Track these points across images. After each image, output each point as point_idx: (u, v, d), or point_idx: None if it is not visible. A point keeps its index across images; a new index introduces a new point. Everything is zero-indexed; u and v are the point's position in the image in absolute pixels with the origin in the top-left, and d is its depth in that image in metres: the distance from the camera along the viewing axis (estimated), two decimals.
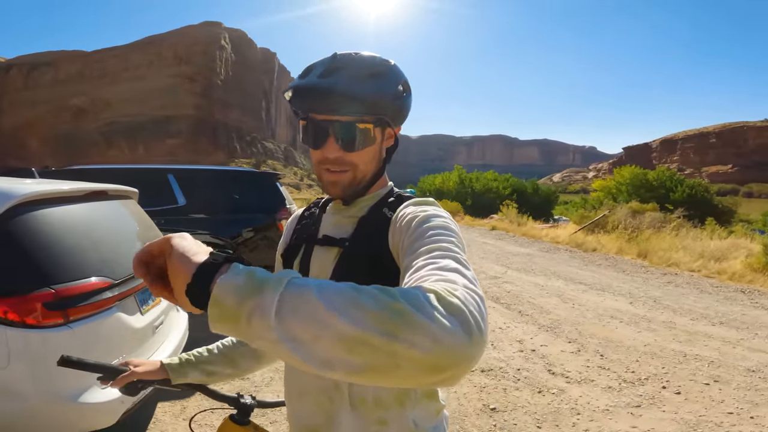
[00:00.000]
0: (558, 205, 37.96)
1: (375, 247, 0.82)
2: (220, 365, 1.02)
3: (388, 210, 0.86)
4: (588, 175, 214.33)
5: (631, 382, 3.56)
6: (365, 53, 0.84)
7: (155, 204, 4.85)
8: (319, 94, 0.78)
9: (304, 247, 0.93)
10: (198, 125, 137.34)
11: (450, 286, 0.48)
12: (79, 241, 1.98)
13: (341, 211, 0.92)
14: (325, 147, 0.81)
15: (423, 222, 0.73)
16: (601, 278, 7.61)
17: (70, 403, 1.83)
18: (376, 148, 0.85)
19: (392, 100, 0.82)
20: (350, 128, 0.80)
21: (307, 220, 0.99)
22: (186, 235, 0.56)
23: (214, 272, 0.46)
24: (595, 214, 15.24)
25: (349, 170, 0.84)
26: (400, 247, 0.75)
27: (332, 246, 0.88)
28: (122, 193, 2.65)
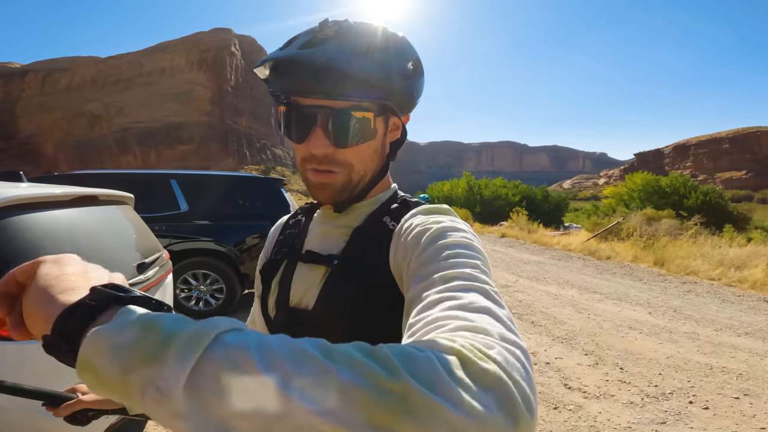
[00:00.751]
0: (568, 212, 37.53)
1: (372, 267, 0.64)
2: None
3: (390, 219, 0.68)
4: (599, 182, 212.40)
5: (654, 396, 3.36)
6: (366, 22, 0.64)
7: (157, 210, 4.77)
8: (303, 69, 0.59)
9: (285, 263, 0.75)
10: (209, 132, 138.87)
11: (481, 341, 0.33)
12: (60, 248, 1.85)
13: (331, 220, 0.74)
14: (311, 141, 0.63)
15: (437, 237, 0.55)
16: (617, 287, 7.35)
17: (47, 417, 1.70)
18: (377, 142, 0.67)
19: (400, 80, 0.63)
20: (344, 117, 0.61)
21: (291, 229, 0.80)
22: (67, 258, 0.39)
23: (89, 319, 0.31)
24: (608, 221, 14.93)
25: (341, 171, 0.65)
26: (404, 268, 0.57)
27: (318, 264, 0.69)
28: (116, 198, 2.53)
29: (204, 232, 4.96)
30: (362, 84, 0.60)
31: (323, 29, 0.61)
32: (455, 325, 0.37)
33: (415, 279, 0.51)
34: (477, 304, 0.40)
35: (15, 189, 1.84)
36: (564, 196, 36.33)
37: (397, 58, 0.63)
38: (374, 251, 0.65)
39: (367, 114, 0.62)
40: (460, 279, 0.46)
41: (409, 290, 0.51)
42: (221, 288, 4.97)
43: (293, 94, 0.63)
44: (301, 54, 0.59)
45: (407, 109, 0.69)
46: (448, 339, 0.33)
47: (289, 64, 0.61)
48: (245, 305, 5.28)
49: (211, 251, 4.95)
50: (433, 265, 0.50)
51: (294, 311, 0.70)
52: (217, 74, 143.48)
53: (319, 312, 0.67)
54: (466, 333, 0.35)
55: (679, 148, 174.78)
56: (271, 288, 0.75)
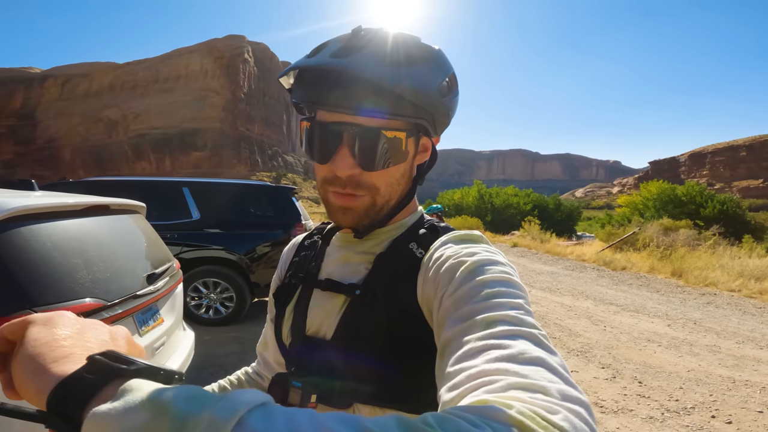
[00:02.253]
0: (581, 221, 37.05)
1: (396, 298, 0.59)
2: None
3: (417, 246, 0.62)
4: (612, 191, 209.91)
5: (675, 411, 3.26)
6: (402, 32, 0.59)
7: (168, 218, 4.79)
8: (333, 80, 0.54)
9: (301, 288, 0.70)
10: (222, 138, 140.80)
11: (541, 404, 0.29)
12: (69, 259, 1.83)
13: (352, 245, 0.68)
14: (335, 161, 0.57)
15: (473, 272, 0.49)
16: (634, 298, 7.20)
17: None
18: (406, 165, 0.61)
19: (437, 97, 0.57)
20: (374, 136, 0.56)
21: (307, 251, 0.75)
22: (60, 318, 0.35)
23: (89, 396, 0.27)
24: (623, 231, 14.67)
25: (365, 194, 0.59)
26: (435, 303, 0.52)
27: (338, 293, 0.64)
28: (127, 207, 2.52)
29: (215, 240, 4.96)
30: (396, 100, 0.54)
31: (356, 37, 0.57)
32: (506, 382, 0.33)
33: (451, 320, 0.46)
34: (528, 354, 0.36)
35: (24, 198, 1.83)
36: (577, 205, 35.90)
37: (435, 72, 0.58)
38: (399, 281, 0.60)
39: (399, 134, 0.57)
40: (505, 323, 0.41)
41: (445, 331, 0.46)
42: (231, 296, 4.96)
43: (320, 106, 0.58)
44: (332, 63, 0.54)
45: (441, 129, 0.64)
46: (503, 405, 0.29)
47: (317, 73, 0.56)
48: (254, 314, 5.27)
49: (221, 260, 4.94)
50: (471, 305, 0.45)
51: (311, 340, 0.66)
52: (231, 81, 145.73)
53: (338, 342, 0.63)
54: (522, 394, 0.31)
55: (695, 156, 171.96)
56: (286, 314, 0.71)
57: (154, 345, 2.26)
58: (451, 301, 0.48)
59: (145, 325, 2.21)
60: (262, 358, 0.84)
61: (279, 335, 0.72)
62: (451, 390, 0.37)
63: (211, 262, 4.93)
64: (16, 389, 0.32)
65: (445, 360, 0.42)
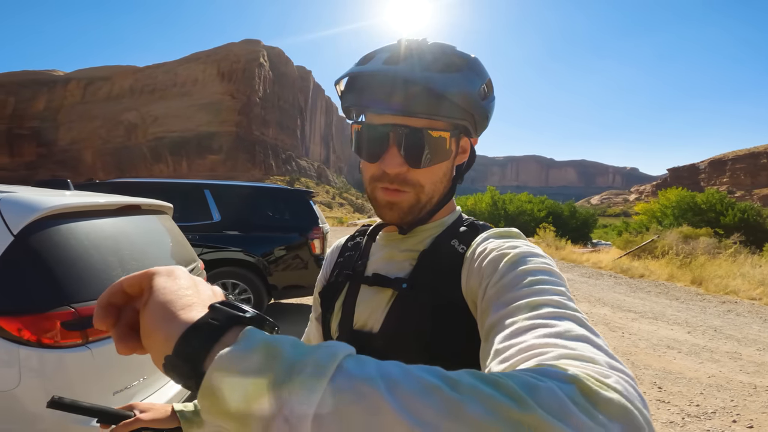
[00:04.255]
0: (597, 229, 36.49)
1: (443, 292, 0.62)
2: None
3: (459, 243, 0.66)
4: (629, 198, 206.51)
5: (696, 416, 3.24)
6: (442, 42, 0.64)
7: (191, 219, 4.88)
8: (385, 85, 0.59)
9: (348, 285, 0.73)
10: (237, 142, 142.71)
11: (594, 369, 0.31)
12: (105, 257, 1.89)
13: (396, 243, 0.72)
14: (385, 159, 0.62)
15: (516, 263, 0.52)
16: (652, 306, 7.09)
17: (81, 426, 1.73)
18: (448, 164, 0.66)
19: (478, 99, 0.62)
20: (420, 136, 0.60)
21: (351, 252, 0.79)
22: (178, 270, 0.37)
23: (213, 340, 0.30)
24: (640, 238, 14.44)
25: (411, 191, 0.64)
26: (479, 293, 0.55)
27: (385, 287, 0.68)
28: (156, 208, 2.58)
29: (234, 242, 5.03)
30: (441, 102, 0.59)
31: (403, 47, 0.61)
32: (558, 353, 0.35)
33: (496, 305, 0.49)
34: (574, 333, 0.38)
35: (64, 197, 1.90)
36: (592, 212, 35.40)
37: (475, 77, 0.63)
38: (443, 275, 0.63)
39: (443, 134, 0.61)
40: (550, 306, 0.44)
41: (490, 316, 0.49)
42: (249, 298, 5.02)
43: (370, 110, 0.62)
44: (385, 69, 0.59)
45: (481, 130, 0.68)
46: (559, 367, 0.31)
47: (370, 79, 0.60)
48: (271, 315, 5.31)
49: (240, 261, 5.01)
50: (515, 292, 0.48)
51: (358, 333, 0.69)
52: (247, 85, 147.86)
53: (385, 334, 0.66)
54: (573, 362, 0.33)
55: (715, 163, 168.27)
56: (335, 310, 0.74)
57: None
58: (495, 289, 0.51)
59: None
60: None
61: (327, 330, 0.75)
62: (502, 362, 0.38)
63: (231, 263, 4.99)
64: (142, 337, 0.34)
65: (491, 341, 0.44)
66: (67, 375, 1.69)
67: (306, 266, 5.09)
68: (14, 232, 1.63)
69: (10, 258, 1.60)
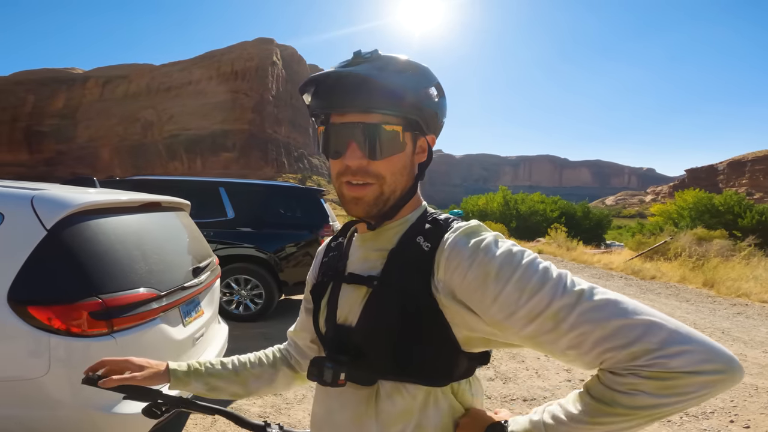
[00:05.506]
0: (611, 230, 35.97)
1: (409, 287, 0.70)
2: (228, 382, 0.94)
3: (424, 240, 0.72)
4: (645, 199, 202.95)
5: (694, 415, 3.29)
6: (394, 54, 0.74)
7: (206, 216, 5.01)
8: (340, 84, 0.68)
9: (332, 285, 0.82)
10: (250, 140, 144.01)
11: (658, 364, 0.54)
12: (129, 251, 2.00)
13: (369, 243, 0.80)
14: (346, 155, 0.70)
15: (500, 277, 0.62)
16: (661, 307, 7.07)
17: (103, 413, 1.82)
18: (405, 158, 0.73)
19: (424, 99, 0.71)
20: (375, 130, 0.69)
21: (333, 252, 0.88)
22: None
23: None
24: (654, 240, 14.26)
25: (374, 183, 0.72)
26: (476, 304, 0.65)
27: (360, 285, 0.76)
28: (175, 205, 2.71)
29: (247, 238, 5.15)
30: (392, 96, 0.68)
31: (357, 56, 0.71)
32: (629, 358, 0.57)
33: (515, 320, 0.62)
34: (623, 327, 0.57)
35: (91, 195, 2.02)
36: (606, 212, 34.89)
37: (422, 78, 0.72)
38: (410, 272, 0.70)
39: (396, 128, 0.70)
40: (565, 308, 0.59)
41: (520, 331, 0.62)
42: (260, 294, 5.14)
43: (331, 110, 0.71)
44: (339, 70, 0.69)
45: (432, 128, 0.76)
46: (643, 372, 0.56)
47: (327, 79, 0.70)
48: (281, 311, 5.44)
49: (252, 257, 5.14)
50: (525, 308, 0.61)
51: (340, 328, 0.78)
52: (260, 83, 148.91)
53: (361, 328, 0.74)
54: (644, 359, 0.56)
55: (734, 165, 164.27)
56: (321, 307, 0.83)
57: (195, 336, 2.42)
58: (497, 307, 0.63)
59: (188, 316, 2.37)
60: (292, 341, 0.99)
61: (317, 325, 0.84)
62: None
63: (243, 259, 5.12)
64: None
65: (544, 348, 0.62)
66: (92, 362, 1.78)
67: None
68: (47, 227, 1.74)
69: (43, 251, 1.72)
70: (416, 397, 0.72)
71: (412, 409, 0.72)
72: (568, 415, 0.62)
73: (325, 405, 0.82)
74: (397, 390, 0.73)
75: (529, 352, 4.53)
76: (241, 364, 0.95)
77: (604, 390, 0.58)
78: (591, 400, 0.60)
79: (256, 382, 0.95)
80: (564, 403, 0.64)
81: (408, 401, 0.72)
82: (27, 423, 1.81)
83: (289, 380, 0.99)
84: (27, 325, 1.71)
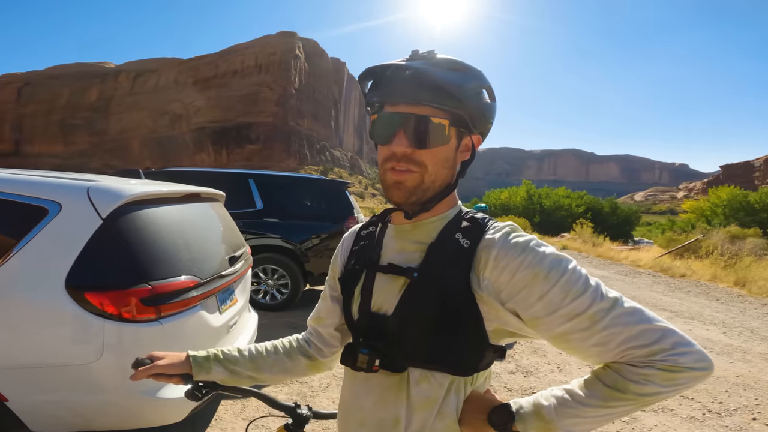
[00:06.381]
0: (639, 226, 34.98)
1: (449, 282, 0.74)
2: (245, 368, 0.97)
3: (463, 237, 0.76)
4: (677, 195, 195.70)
5: (717, 413, 3.29)
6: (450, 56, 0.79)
7: (236, 207, 5.15)
8: (395, 77, 0.74)
9: (366, 273, 0.84)
10: (274, 132, 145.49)
11: (675, 361, 0.64)
12: (173, 240, 2.09)
13: (406, 235, 0.83)
14: (394, 141, 0.74)
15: (554, 278, 0.68)
16: (690, 306, 6.90)
17: (147, 397, 1.87)
18: (449, 151, 0.77)
19: (472, 98, 0.75)
20: (423, 122, 0.73)
21: (365, 241, 0.90)
22: None
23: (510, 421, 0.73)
24: (685, 237, 13.82)
25: (417, 171, 0.75)
26: (519, 304, 0.70)
27: (398, 275, 0.79)
28: (212, 196, 2.80)
29: (274, 229, 5.28)
30: (441, 92, 0.72)
31: (414, 54, 0.76)
32: (651, 356, 0.66)
33: (556, 317, 0.69)
34: (646, 331, 0.66)
35: (141, 185, 2.10)
36: (635, 209, 33.81)
37: (473, 79, 0.76)
38: (449, 266, 0.74)
39: (443, 121, 0.74)
40: (601, 311, 0.67)
41: (556, 328, 0.69)
42: (287, 283, 5.28)
43: (385, 101, 0.76)
44: (395, 63, 0.75)
45: (479, 127, 0.79)
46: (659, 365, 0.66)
47: (383, 71, 0.75)
48: (306, 301, 5.56)
49: (279, 248, 5.27)
50: (566, 308, 0.68)
51: (375, 315, 0.81)
52: (283, 77, 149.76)
53: (398, 317, 0.77)
54: (664, 354, 0.66)
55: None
56: (354, 295, 0.86)
57: (230, 323, 2.50)
58: (541, 305, 0.69)
59: (224, 303, 2.45)
60: (314, 330, 1.01)
61: (348, 312, 0.87)
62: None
63: (271, 249, 5.25)
64: None
65: (571, 344, 0.70)
66: (141, 347, 1.81)
67: None
68: (102, 216, 1.83)
69: (98, 239, 1.81)
70: (443, 385, 0.77)
71: (438, 397, 0.76)
72: (577, 399, 0.71)
73: (352, 389, 0.86)
74: (426, 378, 0.77)
75: (551, 347, 4.53)
76: (257, 352, 0.99)
77: (617, 378, 0.68)
78: (604, 386, 0.69)
79: (270, 369, 0.98)
80: (569, 388, 0.72)
81: (435, 389, 0.76)
82: (76, 407, 1.86)
83: (304, 369, 1.01)
84: (83, 311, 1.77)
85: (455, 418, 0.77)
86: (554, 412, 0.70)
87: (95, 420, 1.91)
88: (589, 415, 0.69)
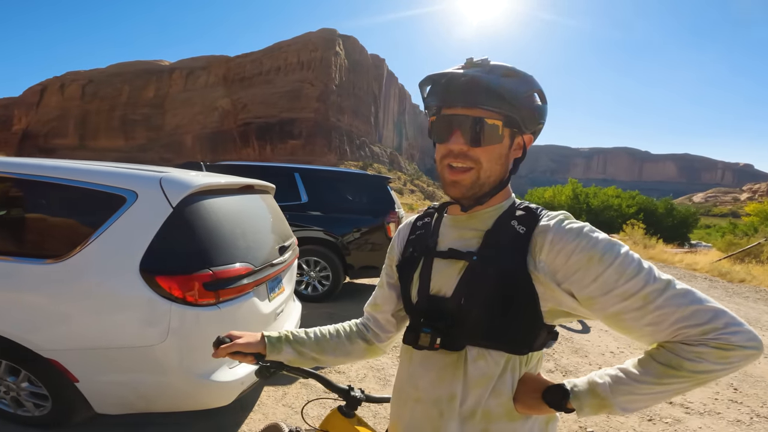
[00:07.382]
0: (697, 229, 32.76)
1: (506, 264, 0.79)
2: (311, 349, 1.03)
3: (518, 224, 0.82)
4: (740, 197, 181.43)
5: (765, 417, 3.17)
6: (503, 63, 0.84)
7: (283, 199, 5.36)
8: (451, 84, 0.79)
9: (423, 259, 0.90)
10: (315, 128, 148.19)
11: (726, 340, 0.68)
12: (232, 228, 2.21)
13: (462, 224, 0.89)
14: (451, 140, 0.80)
15: (609, 260, 0.72)
16: (747, 311, 6.50)
17: (202, 380, 1.93)
18: (502, 149, 0.82)
19: (524, 101, 0.80)
20: (478, 122, 0.78)
21: (421, 230, 0.96)
22: None
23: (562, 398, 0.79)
24: (747, 241, 12.86)
25: (473, 168, 0.81)
26: (574, 285, 0.74)
27: (457, 259, 0.85)
28: (264, 188, 2.94)
29: (317, 222, 5.42)
30: (494, 96, 0.78)
31: (469, 62, 0.82)
32: (700, 331, 0.70)
33: (610, 297, 0.72)
34: (698, 311, 0.70)
35: (204, 177, 2.23)
36: (693, 210, 31.59)
37: (524, 84, 0.81)
38: (506, 250, 0.80)
39: (496, 122, 0.79)
40: (655, 292, 0.71)
41: (610, 307, 0.73)
42: (328, 275, 5.41)
43: (444, 105, 0.82)
44: (452, 72, 0.81)
45: (531, 128, 0.84)
46: (706, 341, 0.70)
47: (440, 79, 0.81)
48: (345, 293, 5.70)
49: (322, 240, 5.41)
50: (621, 288, 0.72)
51: (434, 298, 0.86)
52: (324, 73, 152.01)
53: (458, 298, 0.82)
54: (716, 333, 0.69)
55: None
56: (413, 280, 0.91)
57: (277, 311, 2.60)
58: (596, 285, 0.73)
59: (272, 291, 2.56)
60: (371, 316, 1.08)
61: (407, 296, 0.93)
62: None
63: (314, 242, 5.39)
64: None
65: (624, 323, 0.73)
66: (201, 330, 1.90)
67: (381, 248, 5.34)
68: (173, 205, 1.96)
69: (169, 226, 1.93)
70: (498, 363, 0.81)
71: (493, 375, 0.81)
72: (631, 376, 0.75)
73: (409, 370, 0.92)
74: (482, 356, 0.82)
75: (593, 348, 4.41)
76: (322, 334, 1.05)
77: (671, 357, 0.71)
78: (658, 365, 0.73)
79: (333, 351, 1.04)
80: (623, 367, 0.76)
81: (491, 366, 0.82)
82: (140, 389, 1.93)
83: (362, 352, 1.07)
84: (155, 294, 1.84)
85: (510, 396, 0.82)
86: (609, 389, 0.74)
87: (156, 401, 1.99)
88: (643, 392, 0.72)
